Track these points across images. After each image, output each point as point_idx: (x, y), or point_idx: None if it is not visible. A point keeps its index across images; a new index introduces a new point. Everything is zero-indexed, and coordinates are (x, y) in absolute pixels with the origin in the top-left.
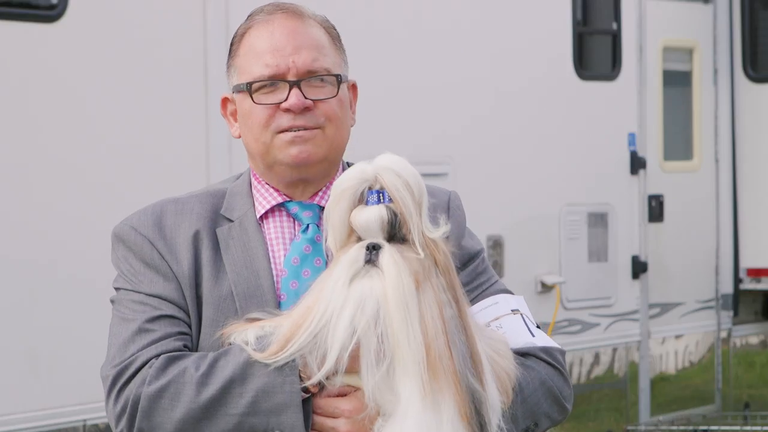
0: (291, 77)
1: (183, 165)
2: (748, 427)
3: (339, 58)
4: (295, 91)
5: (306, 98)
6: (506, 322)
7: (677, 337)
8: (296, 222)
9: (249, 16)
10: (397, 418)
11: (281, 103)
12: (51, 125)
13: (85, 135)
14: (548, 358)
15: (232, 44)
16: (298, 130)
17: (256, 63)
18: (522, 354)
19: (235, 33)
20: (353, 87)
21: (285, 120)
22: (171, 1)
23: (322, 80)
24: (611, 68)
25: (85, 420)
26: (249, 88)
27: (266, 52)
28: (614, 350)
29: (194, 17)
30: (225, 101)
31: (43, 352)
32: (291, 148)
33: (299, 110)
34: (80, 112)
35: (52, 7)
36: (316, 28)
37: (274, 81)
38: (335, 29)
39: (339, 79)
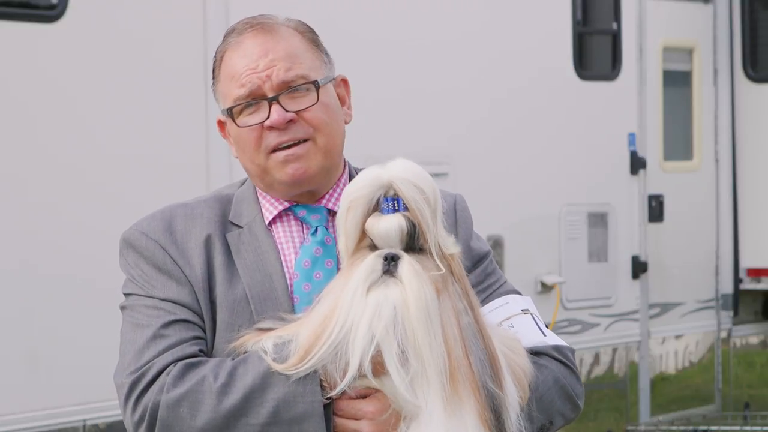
0: (268, 93)
1: (183, 166)
2: (748, 427)
3: (317, 60)
4: (275, 107)
5: (287, 111)
6: (517, 322)
7: (677, 337)
8: (304, 225)
9: (224, 38)
10: (421, 425)
11: (264, 121)
12: (50, 126)
13: (84, 135)
14: (560, 356)
15: (213, 69)
16: (289, 146)
17: (233, 86)
18: (534, 353)
19: (214, 57)
20: (343, 82)
21: (272, 138)
22: (171, 2)
23: (305, 89)
24: (611, 68)
25: (85, 420)
26: (230, 113)
27: (240, 73)
28: (614, 350)
29: (194, 18)
30: (221, 124)
31: (43, 352)
32: (286, 167)
33: (283, 125)
34: (79, 112)
35: (52, 7)
36: (289, 37)
37: (251, 101)
38: (311, 31)
39: (317, 85)
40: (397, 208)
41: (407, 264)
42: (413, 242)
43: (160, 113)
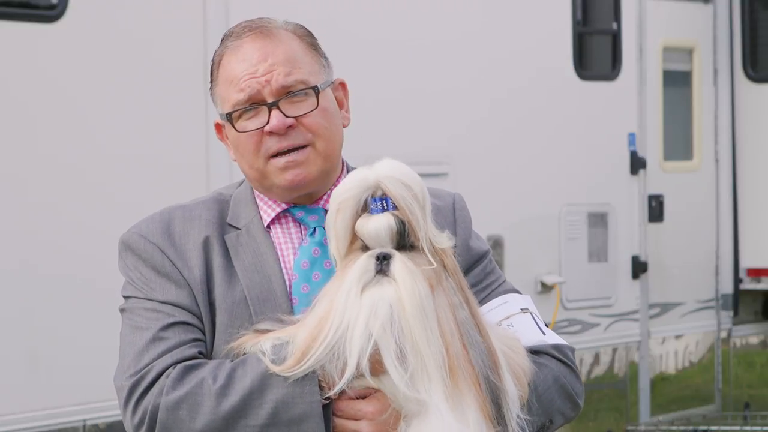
0: (268, 98)
1: (183, 166)
2: (748, 427)
3: (316, 64)
4: (275, 112)
5: (287, 117)
6: (517, 321)
7: (677, 337)
8: (302, 226)
9: (222, 41)
10: (423, 421)
11: (264, 127)
12: (50, 126)
13: (84, 135)
14: (560, 355)
15: (211, 72)
16: (289, 152)
17: (232, 90)
18: (534, 352)
19: (212, 60)
20: (341, 85)
21: (272, 143)
22: (171, 2)
23: (304, 94)
24: (611, 68)
25: (85, 420)
26: (229, 118)
27: (239, 78)
28: (614, 350)
29: (194, 18)
30: (218, 127)
31: (43, 352)
32: (286, 173)
33: (283, 131)
34: (79, 112)
35: (52, 7)
36: (287, 40)
37: (251, 106)
38: (310, 35)
39: (317, 90)
40: (385, 207)
41: (399, 262)
42: (404, 240)
43: (160, 113)
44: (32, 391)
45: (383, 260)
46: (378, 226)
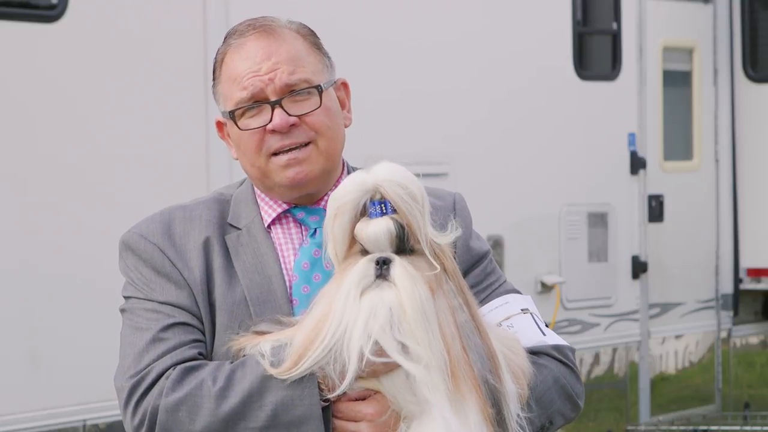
0: (271, 96)
1: (183, 166)
2: (748, 427)
3: (319, 64)
4: (277, 110)
5: (290, 115)
6: (517, 322)
7: (677, 337)
8: (303, 227)
9: (225, 39)
10: (423, 423)
11: (267, 125)
12: (50, 126)
13: (84, 135)
14: (560, 356)
15: (213, 69)
16: (291, 150)
17: (235, 88)
18: (534, 352)
19: (215, 58)
20: (344, 85)
21: (274, 141)
22: (171, 2)
23: (307, 93)
24: (611, 68)
25: (85, 420)
26: (232, 116)
27: (243, 76)
28: (614, 350)
29: (194, 18)
30: (220, 125)
31: (43, 352)
32: (287, 170)
33: (285, 129)
34: (79, 112)
35: (52, 7)
36: (291, 39)
37: (254, 104)
38: (313, 34)
39: (320, 89)
40: (384, 211)
41: (399, 266)
42: (404, 244)
43: (160, 113)
44: (32, 391)
45: (383, 265)
46: (377, 230)
